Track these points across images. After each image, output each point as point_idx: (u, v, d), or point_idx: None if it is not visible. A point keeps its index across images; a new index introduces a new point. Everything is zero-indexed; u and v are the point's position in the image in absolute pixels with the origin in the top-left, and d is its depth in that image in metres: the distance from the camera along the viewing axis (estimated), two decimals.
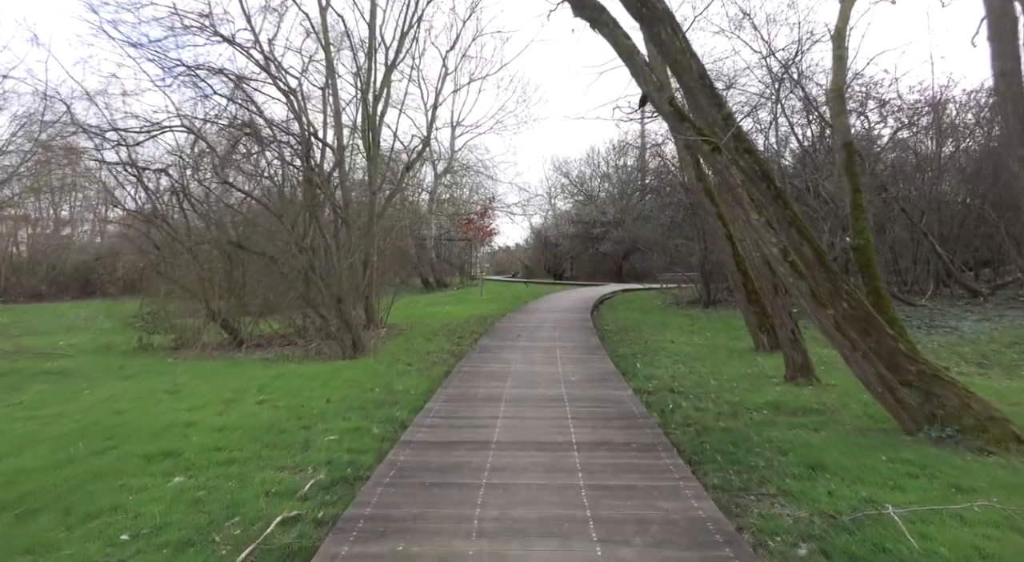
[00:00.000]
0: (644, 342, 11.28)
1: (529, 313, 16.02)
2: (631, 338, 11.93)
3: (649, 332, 12.67)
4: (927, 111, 16.66)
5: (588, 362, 8.62)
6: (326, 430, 5.63)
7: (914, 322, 12.25)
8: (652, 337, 11.91)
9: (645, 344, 11.02)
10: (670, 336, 12.10)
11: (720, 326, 13.61)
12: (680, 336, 12.07)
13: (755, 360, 9.23)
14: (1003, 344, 10.09)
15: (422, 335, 13.08)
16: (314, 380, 8.32)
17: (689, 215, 18.35)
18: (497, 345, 10.46)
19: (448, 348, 11.01)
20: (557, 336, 11.39)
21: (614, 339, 11.87)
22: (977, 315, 12.95)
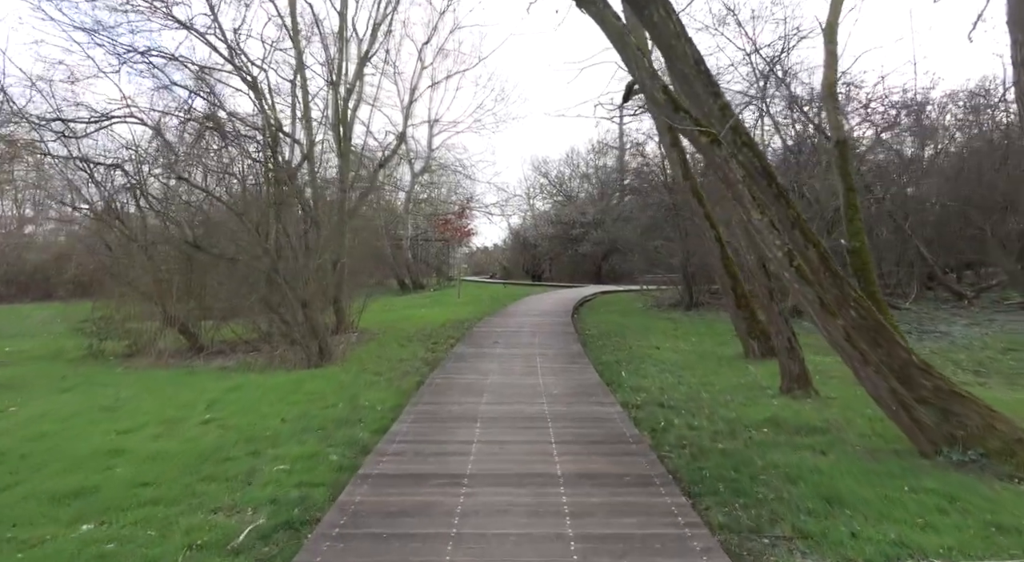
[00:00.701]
0: (628, 348, 10.75)
1: (507, 317, 15.42)
2: (614, 344, 11.38)
3: (632, 337, 12.14)
4: (910, 112, 16.44)
5: (570, 372, 8.04)
6: (276, 457, 4.96)
7: (903, 327, 11.87)
8: (636, 343, 11.37)
9: (629, 350, 10.48)
10: (654, 341, 11.58)
11: (705, 330, 13.15)
12: (665, 341, 11.56)
13: (746, 369, 8.73)
14: (998, 350, 9.75)
15: (395, 340, 12.39)
16: (273, 393, 7.61)
17: (671, 216, 17.90)
18: (473, 353, 9.83)
19: (421, 355, 10.36)
20: (537, 342, 10.80)
21: (596, 345, 11.32)
22: (966, 319, 12.66)
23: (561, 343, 10.81)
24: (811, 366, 7.80)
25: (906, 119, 16.70)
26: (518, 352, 9.70)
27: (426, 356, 10.24)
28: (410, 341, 12.13)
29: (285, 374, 9.69)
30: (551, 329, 12.68)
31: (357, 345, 12.37)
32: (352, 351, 11.54)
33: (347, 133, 15.03)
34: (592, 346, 11.12)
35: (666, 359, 9.64)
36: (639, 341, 11.59)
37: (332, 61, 14.69)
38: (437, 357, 9.99)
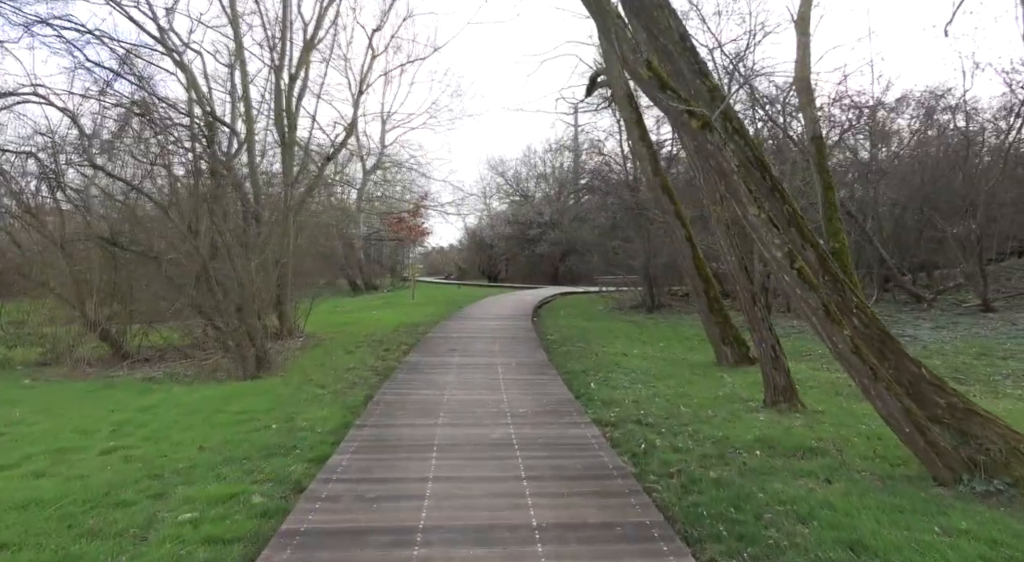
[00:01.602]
0: (594, 355, 10.09)
1: (465, 320, 14.61)
2: (580, 350, 10.72)
3: (597, 342, 11.51)
4: (866, 114, 16.38)
5: (536, 385, 7.31)
6: (187, 500, 4.05)
7: None
8: (602, 349, 10.74)
9: (596, 358, 9.82)
10: (621, 347, 10.98)
11: (671, 334, 12.65)
12: (632, 347, 10.97)
13: (721, 378, 8.17)
14: (971, 356, 9.50)
15: (343, 347, 11.43)
16: (196, 413, 6.62)
17: (634, 216, 17.42)
18: (428, 362, 9.00)
19: (371, 364, 9.46)
20: (497, 350, 10.04)
21: (561, 352, 10.63)
22: (930, 322, 12.52)
23: (524, 350, 10.08)
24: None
25: (862, 121, 16.65)
26: (478, 362, 8.91)
27: (376, 365, 9.35)
28: (359, 347, 11.19)
29: (216, 386, 8.66)
30: (512, 334, 11.95)
31: (301, 352, 11.36)
32: (294, 359, 10.55)
33: (291, 123, 13.95)
34: (557, 353, 10.42)
35: (636, 367, 9.01)
36: (605, 347, 10.96)
37: (275, 45, 13.59)
38: (388, 366, 9.11)
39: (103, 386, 9.17)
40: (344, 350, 11.00)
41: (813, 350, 10.24)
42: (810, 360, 9.67)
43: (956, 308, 14.27)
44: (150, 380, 9.69)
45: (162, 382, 9.45)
